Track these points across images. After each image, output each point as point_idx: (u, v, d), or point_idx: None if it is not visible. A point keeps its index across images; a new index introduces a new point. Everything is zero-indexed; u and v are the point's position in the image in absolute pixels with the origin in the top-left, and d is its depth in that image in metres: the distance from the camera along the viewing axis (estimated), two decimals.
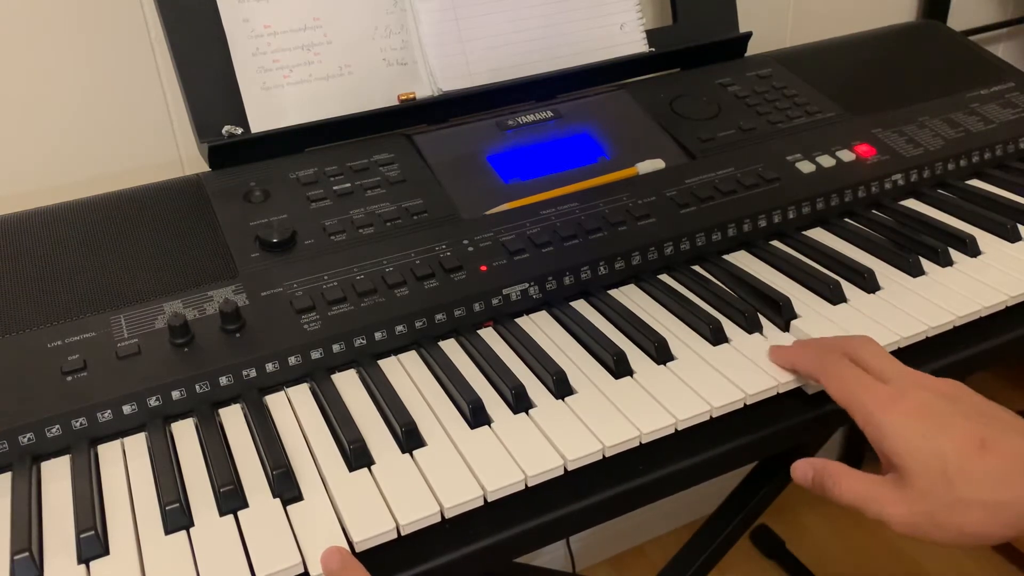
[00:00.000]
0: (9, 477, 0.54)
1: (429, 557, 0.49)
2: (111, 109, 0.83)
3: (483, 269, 0.67)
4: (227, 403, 0.60)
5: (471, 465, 0.53)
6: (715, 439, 0.56)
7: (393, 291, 0.64)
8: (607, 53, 0.87)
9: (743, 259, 0.74)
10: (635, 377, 0.60)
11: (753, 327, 0.64)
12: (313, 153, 0.77)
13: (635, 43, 0.89)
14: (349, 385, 0.61)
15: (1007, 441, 0.49)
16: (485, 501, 0.51)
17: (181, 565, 0.48)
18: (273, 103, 0.75)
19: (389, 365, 0.63)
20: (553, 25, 0.85)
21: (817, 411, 0.59)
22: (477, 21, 0.82)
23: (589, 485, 0.53)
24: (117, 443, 0.57)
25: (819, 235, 0.77)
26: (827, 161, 0.80)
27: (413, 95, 0.80)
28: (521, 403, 0.57)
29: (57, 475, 0.55)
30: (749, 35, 0.94)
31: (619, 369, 0.60)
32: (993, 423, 0.51)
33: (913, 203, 0.81)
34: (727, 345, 0.63)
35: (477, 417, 0.56)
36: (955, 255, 0.72)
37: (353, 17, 0.78)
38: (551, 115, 0.82)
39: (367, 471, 0.53)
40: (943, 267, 0.71)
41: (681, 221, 0.73)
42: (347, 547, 0.48)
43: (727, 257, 0.74)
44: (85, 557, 0.49)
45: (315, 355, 0.61)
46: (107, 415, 0.57)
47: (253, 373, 0.60)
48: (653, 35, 0.90)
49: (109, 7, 0.80)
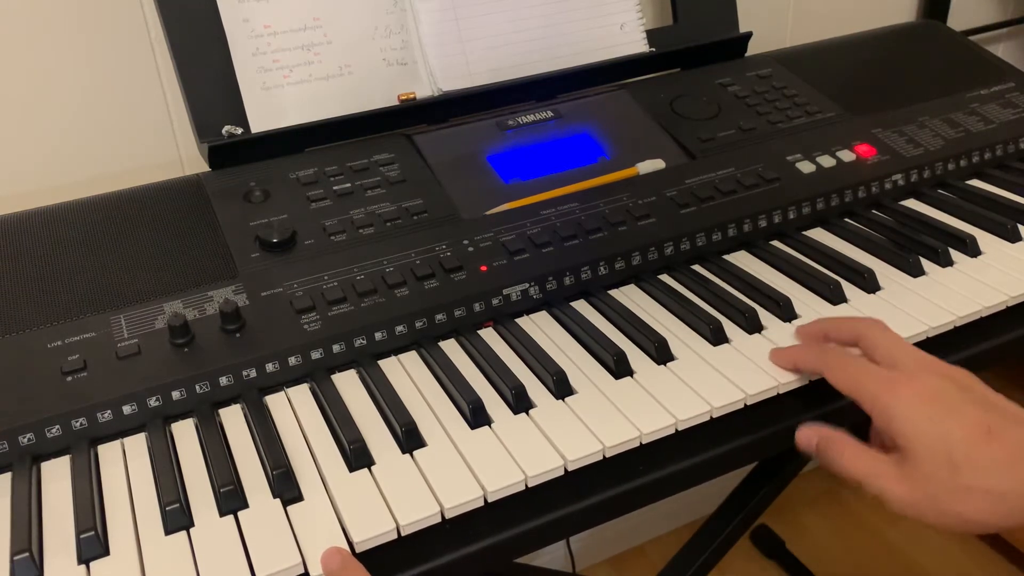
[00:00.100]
0: (9, 477, 0.54)
1: (429, 557, 0.49)
2: (111, 109, 0.83)
3: (483, 269, 0.67)
4: (227, 403, 0.60)
5: (471, 465, 0.53)
6: (715, 439, 0.56)
7: (393, 291, 0.64)
8: (607, 53, 0.87)
9: (743, 259, 0.74)
10: (635, 377, 0.60)
11: (753, 327, 0.64)
12: (313, 153, 0.77)
13: (635, 43, 0.89)
14: (349, 385, 0.61)
15: (1014, 432, 0.49)
16: (485, 501, 0.51)
17: (181, 565, 0.48)
18: (273, 103, 0.75)
19: (389, 365, 0.63)
20: (553, 25, 0.85)
21: (818, 411, 0.59)
22: (477, 21, 0.82)
23: (589, 485, 0.53)
24: (117, 443, 0.57)
25: (819, 235, 0.77)
26: (827, 161, 0.80)
27: (413, 95, 0.80)
28: (521, 403, 0.57)
29: (57, 475, 0.55)
30: (749, 35, 0.94)
31: (619, 369, 0.60)
32: (1001, 413, 0.51)
33: (913, 203, 0.81)
34: (727, 345, 0.63)
35: (477, 417, 0.56)
36: (955, 255, 0.72)
37: (353, 17, 0.78)
38: (551, 115, 0.82)
39: (367, 471, 0.53)
40: (943, 267, 0.71)
41: (681, 221, 0.73)
42: (347, 547, 0.48)
43: (727, 257, 0.74)
44: (85, 557, 0.48)
45: (315, 355, 0.61)
46: (107, 415, 0.57)
47: (253, 373, 0.60)
48: (653, 35, 0.90)
49: (109, 7, 0.80)
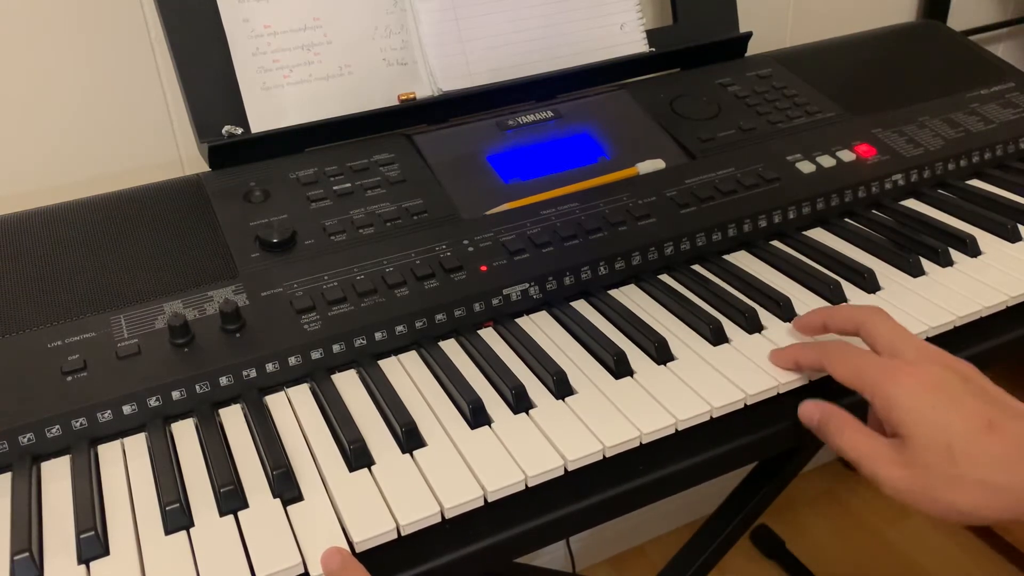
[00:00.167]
0: (9, 477, 0.54)
1: (429, 557, 0.49)
2: (111, 109, 0.83)
3: (483, 269, 0.67)
4: (227, 403, 0.60)
5: (471, 465, 0.53)
6: (715, 439, 0.56)
7: (393, 291, 0.64)
8: (607, 53, 0.87)
9: (743, 259, 0.74)
10: (635, 377, 0.60)
11: (753, 327, 0.64)
12: (313, 153, 0.77)
13: (635, 43, 0.89)
14: (349, 385, 0.61)
15: (1014, 426, 0.50)
16: (485, 501, 0.51)
17: (181, 565, 0.48)
18: (273, 103, 0.75)
19: (389, 365, 0.63)
20: (553, 25, 0.85)
21: None
22: (477, 21, 0.82)
23: (589, 485, 0.53)
24: (117, 443, 0.57)
25: (819, 235, 0.77)
26: (827, 161, 0.80)
27: (413, 95, 0.80)
28: (521, 403, 0.57)
29: (57, 475, 0.55)
30: (749, 35, 0.94)
31: (619, 369, 0.60)
32: (1002, 407, 0.51)
33: (913, 203, 0.81)
34: (727, 345, 0.63)
35: (477, 417, 0.56)
36: (955, 255, 0.72)
37: (353, 17, 0.78)
38: (551, 115, 0.82)
39: (367, 471, 0.53)
40: (943, 267, 0.71)
41: (681, 221, 0.73)
42: (347, 547, 0.48)
43: (727, 257, 0.74)
44: (85, 557, 0.48)
45: (315, 355, 0.61)
46: (107, 415, 0.57)
47: (253, 373, 0.60)
48: (653, 35, 0.90)
49: (109, 7, 0.80)
